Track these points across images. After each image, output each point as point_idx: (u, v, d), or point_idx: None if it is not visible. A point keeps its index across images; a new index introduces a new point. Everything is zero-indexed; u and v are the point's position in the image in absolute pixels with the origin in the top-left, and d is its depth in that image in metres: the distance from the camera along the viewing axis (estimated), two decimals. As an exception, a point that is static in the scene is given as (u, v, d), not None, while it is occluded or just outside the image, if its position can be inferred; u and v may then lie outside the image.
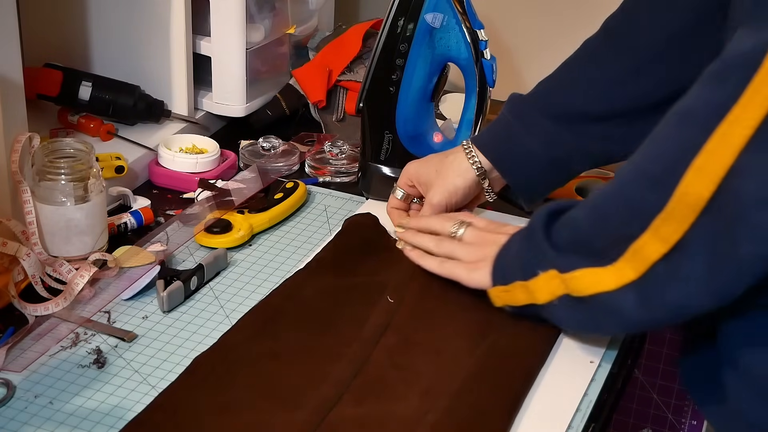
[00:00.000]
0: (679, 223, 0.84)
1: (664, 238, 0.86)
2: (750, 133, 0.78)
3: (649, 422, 1.79)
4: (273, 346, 1.02)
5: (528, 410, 0.97)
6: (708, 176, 0.81)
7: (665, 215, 0.85)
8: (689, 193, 0.83)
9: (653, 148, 0.89)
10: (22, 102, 1.14)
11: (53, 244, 1.14)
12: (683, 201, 0.83)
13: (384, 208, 1.28)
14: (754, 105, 0.77)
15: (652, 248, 0.87)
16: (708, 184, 0.81)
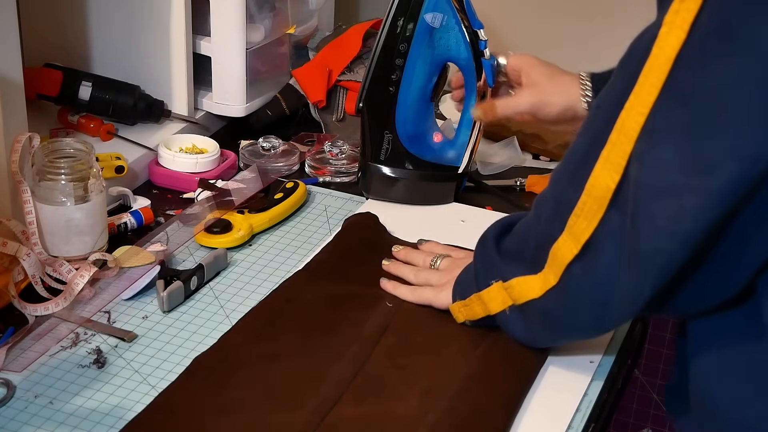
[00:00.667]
0: (590, 219, 0.84)
1: (576, 237, 0.86)
2: (643, 120, 0.77)
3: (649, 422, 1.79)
4: (273, 347, 1.02)
5: (528, 410, 0.97)
6: (612, 166, 0.81)
7: (578, 211, 0.85)
8: (597, 186, 0.83)
9: (576, 140, 0.89)
10: (22, 102, 1.14)
11: (53, 244, 1.14)
12: (592, 194, 0.83)
13: (383, 208, 1.28)
14: (644, 92, 0.77)
15: (567, 249, 0.87)
16: (613, 175, 0.81)
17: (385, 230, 1.26)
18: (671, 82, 0.76)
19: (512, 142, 1.47)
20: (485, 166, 1.46)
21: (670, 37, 0.75)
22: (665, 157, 0.77)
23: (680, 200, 0.76)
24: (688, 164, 0.76)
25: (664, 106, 0.76)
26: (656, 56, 0.76)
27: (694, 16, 0.73)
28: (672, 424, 0.99)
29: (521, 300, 0.95)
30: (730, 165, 0.74)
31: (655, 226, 0.78)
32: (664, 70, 0.75)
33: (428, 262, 1.13)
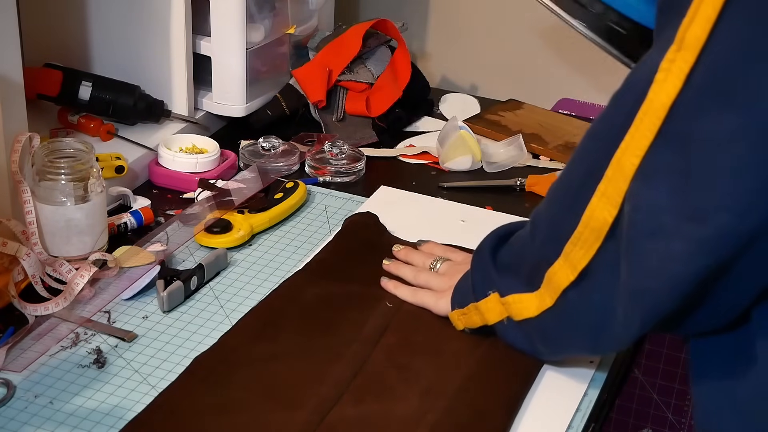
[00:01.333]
0: (587, 249, 0.85)
1: (573, 264, 0.87)
2: (638, 161, 0.78)
3: (649, 422, 1.79)
4: (273, 347, 1.02)
5: (528, 410, 0.97)
6: (609, 201, 0.82)
7: (575, 239, 0.86)
8: (595, 218, 0.83)
9: (571, 167, 0.89)
10: (22, 102, 1.14)
11: (53, 244, 1.14)
12: (590, 225, 0.84)
13: (383, 208, 1.28)
14: (640, 134, 0.77)
15: (563, 275, 0.88)
16: (610, 209, 0.82)
17: (385, 230, 1.26)
18: (666, 129, 0.76)
19: (517, 140, 1.47)
20: (490, 164, 1.46)
21: (666, 85, 0.75)
22: (658, 199, 0.77)
23: (670, 244, 0.77)
24: (680, 210, 0.76)
25: (659, 151, 0.77)
26: (652, 101, 0.76)
27: (690, 66, 0.74)
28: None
29: (518, 317, 0.96)
30: (720, 216, 0.74)
31: (646, 265, 0.79)
32: (659, 116, 0.76)
33: (428, 264, 1.13)
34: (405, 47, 1.62)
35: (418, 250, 1.18)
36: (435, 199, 1.37)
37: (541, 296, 0.92)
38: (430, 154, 1.50)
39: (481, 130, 1.57)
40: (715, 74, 0.73)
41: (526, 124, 1.60)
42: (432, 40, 1.91)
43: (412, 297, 1.10)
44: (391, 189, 1.38)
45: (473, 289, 1.01)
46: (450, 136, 1.46)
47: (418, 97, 1.66)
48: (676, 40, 0.75)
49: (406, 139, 1.56)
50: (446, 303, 1.06)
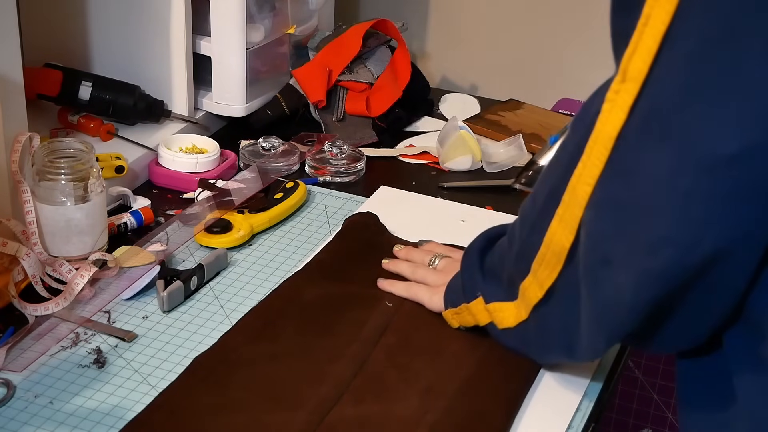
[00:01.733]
0: (551, 270, 0.86)
1: (540, 282, 0.88)
2: (590, 190, 0.78)
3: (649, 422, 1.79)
4: (273, 347, 1.02)
5: (528, 410, 0.97)
6: (567, 226, 0.82)
7: (540, 259, 0.87)
8: (555, 242, 0.84)
9: (539, 186, 0.90)
10: (22, 102, 1.14)
11: (53, 244, 1.14)
12: (550, 248, 0.85)
13: (383, 208, 1.28)
14: (591, 163, 0.77)
15: (533, 291, 0.89)
16: (568, 235, 0.82)
17: (385, 230, 1.26)
18: (613, 161, 0.76)
19: (517, 140, 1.47)
20: (490, 164, 1.46)
21: (611, 116, 0.75)
22: (606, 230, 0.77)
23: (619, 274, 0.77)
24: (626, 241, 0.76)
25: (607, 181, 0.77)
26: (600, 131, 0.76)
27: (633, 98, 0.74)
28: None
29: (499, 326, 0.97)
30: (665, 250, 0.74)
31: (602, 294, 0.79)
32: (607, 147, 0.76)
33: (427, 260, 1.14)
34: (405, 47, 1.62)
35: (418, 249, 1.18)
36: (435, 199, 1.37)
37: (518, 309, 0.94)
38: (430, 154, 1.50)
39: (481, 130, 1.57)
40: (655, 108, 0.73)
41: (526, 124, 1.60)
42: (432, 40, 1.91)
43: (406, 291, 1.10)
44: (391, 189, 1.38)
45: (463, 289, 1.02)
46: (450, 136, 1.46)
47: (418, 97, 1.66)
48: (620, 70, 0.74)
49: (406, 139, 1.56)
50: (440, 299, 1.06)
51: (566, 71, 1.81)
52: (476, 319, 1.01)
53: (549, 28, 1.81)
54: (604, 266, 0.78)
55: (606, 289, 0.79)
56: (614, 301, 0.79)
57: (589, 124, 0.78)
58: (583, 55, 1.78)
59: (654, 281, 0.75)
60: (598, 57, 1.77)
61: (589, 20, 1.76)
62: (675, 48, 0.71)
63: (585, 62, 1.78)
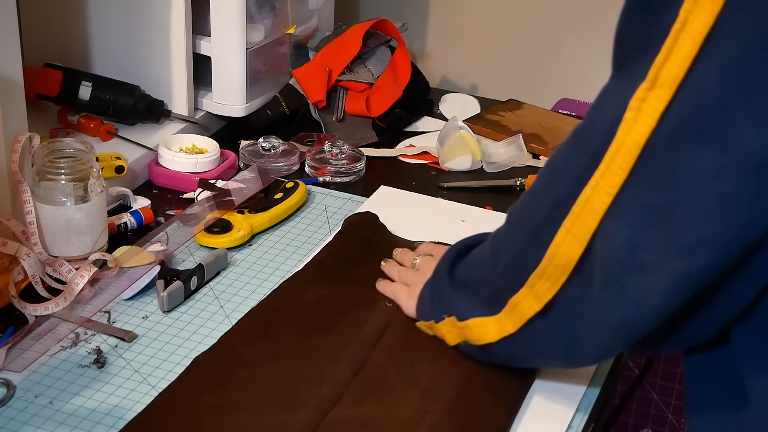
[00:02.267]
0: (552, 283, 0.85)
1: (538, 296, 0.86)
2: (610, 200, 0.77)
3: (649, 422, 1.79)
4: (273, 347, 1.02)
5: (528, 410, 0.97)
6: (576, 239, 0.81)
7: (540, 272, 0.85)
8: (560, 254, 0.83)
9: (534, 199, 0.89)
10: (22, 102, 1.14)
11: (53, 244, 1.14)
12: (554, 261, 0.84)
13: (383, 208, 1.28)
14: (611, 173, 0.77)
15: (528, 305, 0.88)
16: (577, 246, 0.81)
17: (385, 229, 1.26)
18: (641, 168, 0.75)
19: (517, 140, 1.47)
20: (490, 164, 1.46)
21: (638, 124, 0.74)
22: (637, 237, 0.77)
23: (653, 279, 0.76)
24: (662, 246, 0.76)
25: (635, 190, 0.76)
26: (622, 141, 0.76)
27: (665, 105, 0.73)
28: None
29: (477, 342, 0.95)
30: (706, 251, 0.74)
31: (627, 299, 0.79)
32: (632, 155, 0.75)
33: (412, 260, 1.13)
34: (405, 47, 1.62)
35: (411, 250, 1.17)
36: (435, 199, 1.37)
37: (502, 323, 0.91)
38: (430, 154, 1.50)
39: (481, 130, 1.57)
40: (696, 112, 0.72)
41: (526, 124, 1.60)
42: (432, 40, 1.91)
43: (391, 291, 1.10)
44: (391, 189, 1.38)
45: (432, 309, 1.01)
46: (450, 136, 1.46)
47: (418, 97, 1.66)
48: (648, 78, 0.73)
49: (406, 139, 1.56)
50: (413, 306, 1.06)
51: (566, 71, 1.81)
52: (444, 338, 1.00)
53: (549, 28, 1.81)
54: (635, 272, 0.77)
55: (632, 296, 0.78)
56: (640, 306, 0.78)
57: (604, 134, 0.77)
58: (583, 55, 1.78)
59: (691, 283, 0.75)
60: (598, 57, 1.77)
61: (589, 20, 1.76)
62: (716, 51, 0.71)
63: (585, 62, 1.78)
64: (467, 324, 0.95)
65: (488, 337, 0.93)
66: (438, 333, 1.01)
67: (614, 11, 1.69)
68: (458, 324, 0.96)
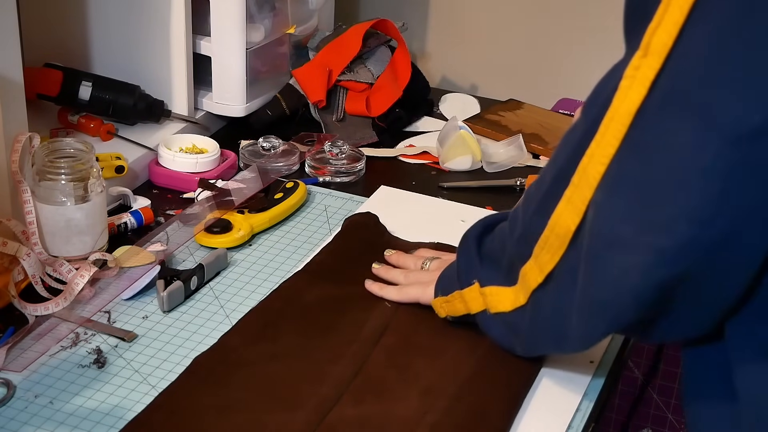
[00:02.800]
0: (552, 254, 0.85)
1: (541, 266, 0.86)
2: (603, 169, 0.77)
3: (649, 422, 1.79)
4: (273, 348, 1.02)
5: (528, 410, 0.97)
6: (574, 208, 0.81)
7: (542, 242, 0.85)
8: (560, 224, 0.83)
9: (546, 169, 0.89)
10: (22, 102, 1.14)
11: (53, 244, 1.14)
12: (554, 231, 0.84)
13: (383, 208, 1.28)
14: (605, 142, 0.76)
15: (532, 276, 0.88)
16: (574, 217, 0.81)
17: (385, 230, 1.26)
18: (631, 136, 0.75)
19: (517, 140, 1.47)
20: (490, 164, 1.46)
21: (630, 92, 0.74)
22: (618, 209, 0.76)
23: (630, 255, 0.76)
24: (640, 220, 0.75)
25: (623, 159, 0.76)
26: (617, 108, 0.75)
27: (655, 74, 0.73)
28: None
29: (493, 310, 0.96)
30: (681, 226, 0.73)
31: (605, 277, 0.78)
32: (624, 123, 0.75)
33: (419, 264, 1.13)
34: (405, 47, 1.62)
35: (410, 255, 1.17)
36: (435, 199, 1.37)
37: (517, 293, 0.92)
38: (430, 154, 1.50)
39: (481, 130, 1.57)
40: (680, 81, 0.72)
41: (526, 124, 1.60)
42: (432, 40, 1.91)
43: (398, 295, 1.10)
44: (391, 189, 1.38)
45: (458, 276, 1.01)
46: (450, 136, 1.46)
47: (418, 97, 1.66)
48: (641, 46, 0.73)
49: (406, 139, 1.56)
50: (431, 291, 1.06)
51: (566, 71, 1.81)
52: (468, 306, 1.00)
53: (549, 28, 1.81)
54: (612, 248, 0.77)
55: (612, 273, 0.77)
56: (620, 286, 0.77)
57: (603, 103, 0.77)
58: (583, 55, 1.78)
59: (667, 261, 0.74)
60: (598, 57, 1.77)
61: (590, 20, 1.76)
62: (701, 22, 0.71)
63: (585, 62, 1.78)
64: (486, 291, 0.96)
65: (502, 306, 0.94)
66: (460, 303, 1.00)
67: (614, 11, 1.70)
68: (480, 290, 0.97)
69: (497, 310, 0.95)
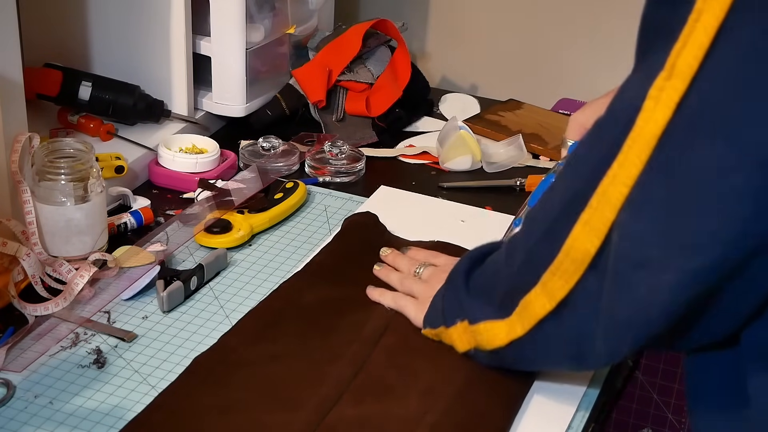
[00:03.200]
0: (566, 279, 0.83)
1: (551, 293, 0.85)
2: (627, 191, 0.77)
3: (649, 422, 1.79)
4: (272, 348, 1.02)
5: (528, 410, 0.97)
6: (593, 231, 0.80)
7: (554, 269, 0.84)
8: (576, 248, 0.82)
9: (550, 195, 0.88)
10: (22, 102, 1.14)
11: (53, 244, 1.14)
12: (570, 255, 0.82)
13: (383, 208, 1.28)
14: (629, 163, 0.76)
15: (539, 305, 0.86)
16: (593, 240, 0.80)
17: (385, 229, 1.26)
18: (657, 158, 0.75)
19: (517, 140, 1.47)
20: (490, 164, 1.46)
21: (656, 113, 0.74)
22: (646, 231, 0.76)
23: (659, 275, 0.76)
24: (670, 241, 0.75)
25: (649, 181, 0.76)
26: (641, 129, 0.75)
27: (680, 95, 0.72)
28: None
29: (487, 347, 0.94)
30: (713, 248, 0.73)
31: (633, 296, 0.78)
32: (649, 145, 0.75)
33: (413, 269, 1.12)
34: (405, 47, 1.62)
35: (404, 255, 1.16)
36: (435, 199, 1.37)
37: (512, 325, 0.90)
38: (430, 154, 1.50)
39: (481, 130, 1.57)
40: (708, 103, 0.72)
41: (526, 124, 1.60)
42: (432, 40, 1.91)
43: (394, 302, 1.08)
44: (391, 189, 1.38)
45: (443, 312, 1.00)
46: (450, 136, 1.46)
47: (418, 97, 1.66)
48: (666, 66, 0.73)
49: (406, 139, 1.56)
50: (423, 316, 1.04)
51: (566, 71, 1.81)
52: (455, 345, 0.98)
53: (549, 29, 1.81)
54: (642, 268, 0.76)
55: (640, 293, 0.77)
56: (650, 305, 0.77)
57: (624, 124, 0.76)
58: (583, 55, 1.78)
59: (697, 280, 0.74)
60: (598, 57, 1.77)
61: (590, 20, 1.76)
62: (727, 43, 0.70)
63: (585, 62, 1.78)
64: (478, 328, 0.94)
65: (497, 341, 0.92)
66: (447, 339, 1.00)
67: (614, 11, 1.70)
68: (470, 328, 0.95)
69: (492, 346, 0.93)
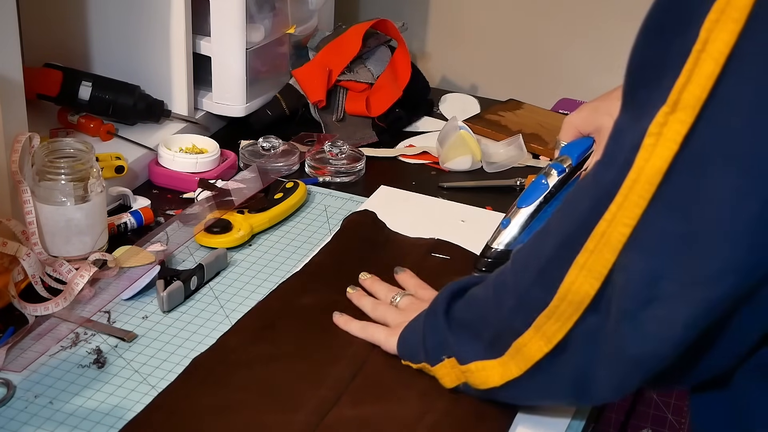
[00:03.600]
0: (563, 322, 0.82)
1: (547, 336, 0.84)
2: (629, 231, 0.75)
3: (649, 422, 1.79)
4: (272, 348, 1.02)
5: (527, 410, 0.97)
6: (591, 273, 0.79)
7: (549, 312, 0.83)
8: (574, 291, 0.80)
9: (540, 239, 0.87)
10: (22, 102, 1.14)
11: (53, 244, 1.14)
12: (567, 298, 0.81)
13: (383, 208, 1.28)
14: (630, 203, 0.75)
15: (535, 347, 0.85)
16: (593, 282, 0.79)
17: (384, 226, 1.26)
18: (662, 195, 0.73)
19: (517, 140, 1.47)
20: (490, 164, 1.46)
21: (658, 149, 0.72)
22: (658, 268, 0.75)
23: (672, 310, 0.75)
24: (683, 276, 0.74)
25: (655, 219, 0.74)
26: (642, 168, 0.74)
27: (687, 128, 0.71)
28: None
29: (480, 387, 0.92)
30: (728, 278, 0.73)
31: (643, 333, 0.77)
32: (653, 183, 0.73)
33: (389, 297, 1.09)
34: (405, 47, 1.62)
35: (382, 283, 1.12)
36: (435, 199, 1.37)
37: (506, 366, 0.89)
38: (430, 154, 1.50)
39: (481, 130, 1.57)
40: (718, 133, 0.71)
41: (526, 124, 1.60)
42: (432, 40, 1.91)
43: (362, 332, 1.05)
44: (391, 189, 1.38)
45: (426, 352, 0.96)
46: (450, 136, 1.46)
47: (418, 97, 1.66)
48: (668, 101, 0.71)
49: (406, 139, 1.56)
50: (395, 342, 1.01)
51: (566, 71, 1.81)
52: (441, 380, 0.96)
53: (549, 29, 1.81)
54: (653, 305, 0.75)
55: (651, 329, 0.76)
56: (659, 339, 0.76)
57: (621, 165, 0.75)
58: (583, 55, 1.78)
59: (709, 311, 0.74)
60: (598, 57, 1.77)
61: (590, 20, 1.76)
62: (737, 72, 0.69)
63: (585, 62, 1.78)
64: (469, 368, 0.92)
65: (491, 381, 0.90)
66: (432, 374, 0.97)
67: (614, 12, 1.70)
68: (459, 367, 0.93)
69: (486, 386, 0.91)
